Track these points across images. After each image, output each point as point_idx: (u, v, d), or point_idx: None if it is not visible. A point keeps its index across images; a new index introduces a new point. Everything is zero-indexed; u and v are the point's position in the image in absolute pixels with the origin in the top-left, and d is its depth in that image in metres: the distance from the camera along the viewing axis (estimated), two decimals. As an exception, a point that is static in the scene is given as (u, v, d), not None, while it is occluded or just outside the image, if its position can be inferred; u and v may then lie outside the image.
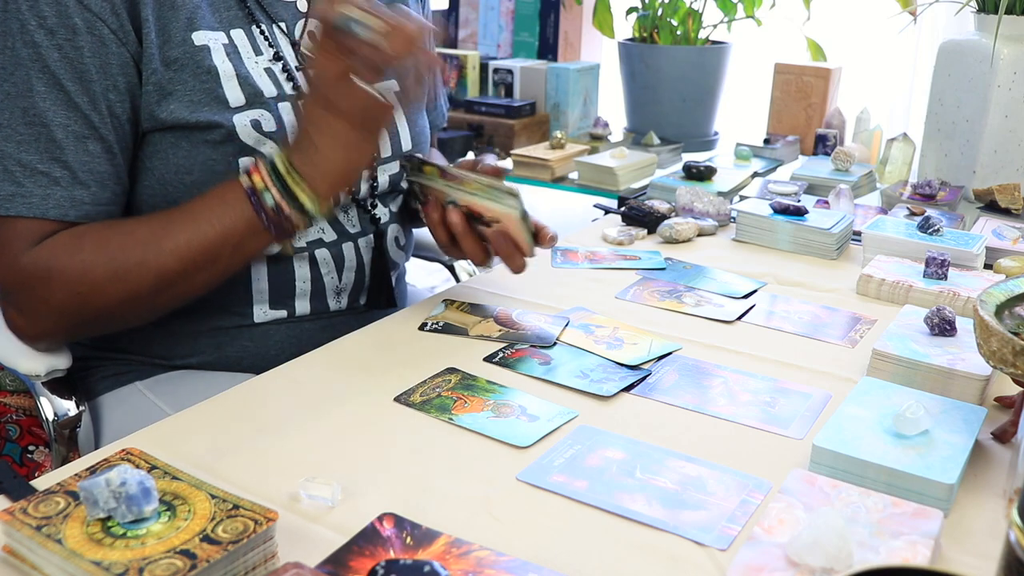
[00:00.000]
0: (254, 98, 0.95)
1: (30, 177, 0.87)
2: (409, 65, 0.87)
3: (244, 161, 0.94)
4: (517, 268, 1.00)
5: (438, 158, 1.22)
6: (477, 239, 1.00)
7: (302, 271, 1.01)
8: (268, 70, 0.97)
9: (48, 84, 0.87)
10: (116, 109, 0.90)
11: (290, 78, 0.99)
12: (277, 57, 0.98)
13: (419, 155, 1.08)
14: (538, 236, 0.99)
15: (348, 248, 1.04)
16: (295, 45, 1.02)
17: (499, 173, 0.99)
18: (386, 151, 1.08)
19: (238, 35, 0.96)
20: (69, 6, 0.86)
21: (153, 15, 0.90)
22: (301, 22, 1.03)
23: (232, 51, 0.95)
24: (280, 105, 0.97)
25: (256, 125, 0.94)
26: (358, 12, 0.84)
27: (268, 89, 0.96)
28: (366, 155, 0.92)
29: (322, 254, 1.02)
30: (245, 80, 0.95)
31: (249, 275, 0.99)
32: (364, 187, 1.06)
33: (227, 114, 0.93)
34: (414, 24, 0.85)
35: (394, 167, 1.09)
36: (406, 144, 1.09)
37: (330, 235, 1.02)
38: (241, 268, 0.95)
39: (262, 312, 1.01)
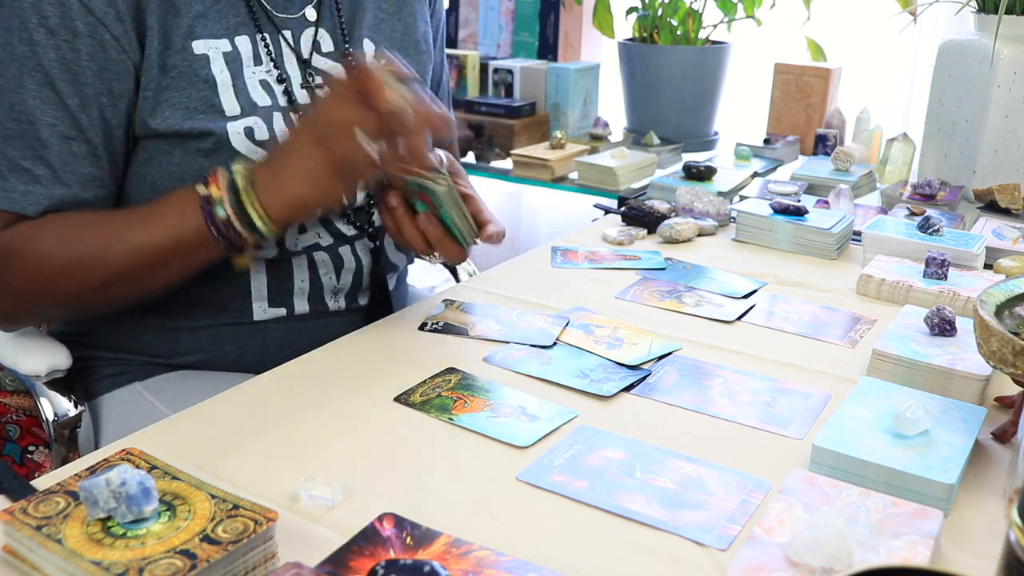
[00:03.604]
0: (250, 109, 0.95)
1: (13, 172, 0.88)
2: (416, 140, 0.87)
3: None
4: (451, 256, 0.96)
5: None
6: (415, 223, 0.94)
7: (300, 271, 1.01)
8: (264, 82, 0.97)
9: (40, 83, 0.87)
10: (107, 113, 0.90)
11: (287, 91, 0.98)
12: (275, 67, 0.98)
13: None
14: (480, 228, 0.96)
15: (345, 251, 1.04)
16: (304, 61, 1.01)
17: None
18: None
19: (242, 42, 0.96)
20: (72, 8, 0.86)
21: (157, 22, 0.90)
22: (310, 30, 1.02)
23: (233, 59, 0.95)
24: (275, 115, 0.96)
25: (249, 133, 0.94)
26: (398, 80, 0.85)
27: (262, 100, 0.96)
28: (332, 199, 0.90)
29: (320, 256, 1.02)
30: (241, 91, 0.95)
31: (248, 273, 0.99)
32: (360, 196, 1.05)
33: (221, 122, 0.93)
34: (440, 111, 0.87)
35: None
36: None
37: (326, 239, 1.02)
38: (194, 273, 0.93)
39: (261, 310, 1.01)
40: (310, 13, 1.03)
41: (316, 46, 1.03)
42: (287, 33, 1.01)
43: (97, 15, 0.87)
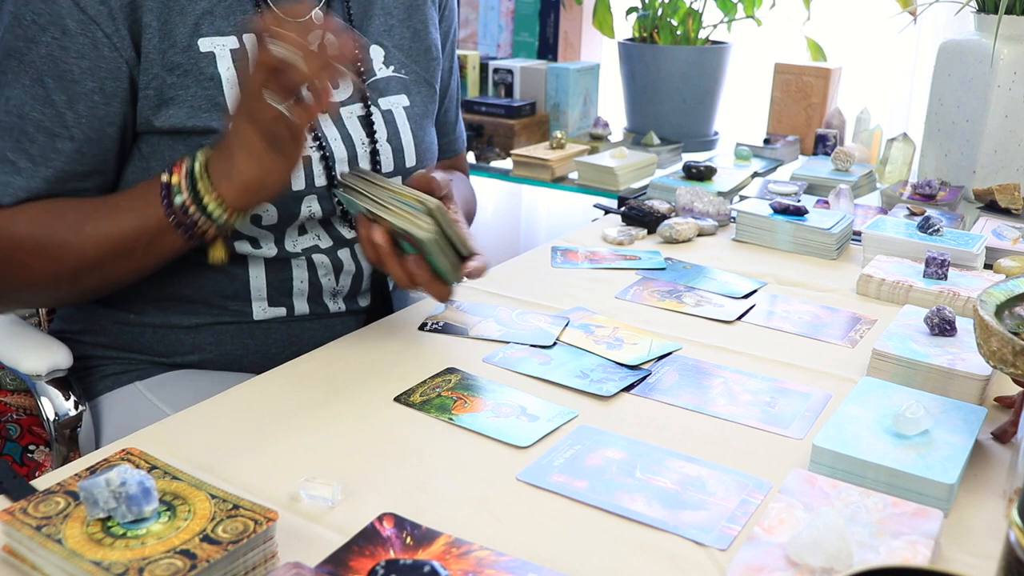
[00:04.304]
0: None
1: (0, 162, 0.89)
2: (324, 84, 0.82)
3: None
4: (438, 296, 0.91)
5: (457, 181, 1.20)
6: (400, 262, 0.90)
7: (299, 272, 1.01)
8: None
9: (32, 78, 0.88)
10: (98, 111, 0.90)
11: None
12: None
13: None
14: (464, 262, 0.90)
15: (344, 254, 1.04)
16: None
17: (432, 187, 0.91)
18: (388, 166, 1.05)
19: (250, 40, 0.96)
20: (63, 7, 0.86)
21: (157, 20, 0.90)
22: (316, 34, 1.02)
23: (241, 57, 0.95)
24: None
25: None
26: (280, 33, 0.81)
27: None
28: (278, 174, 0.87)
29: (319, 258, 1.02)
30: None
31: (247, 273, 0.99)
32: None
33: (225, 120, 0.93)
34: (332, 48, 0.82)
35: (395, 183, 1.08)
36: (410, 160, 1.07)
37: (326, 241, 1.02)
38: (161, 265, 0.93)
39: (261, 310, 1.01)
40: (317, 16, 1.03)
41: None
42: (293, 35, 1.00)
43: (89, 13, 0.87)
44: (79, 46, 0.88)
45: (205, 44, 0.93)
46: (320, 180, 0.99)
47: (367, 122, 1.04)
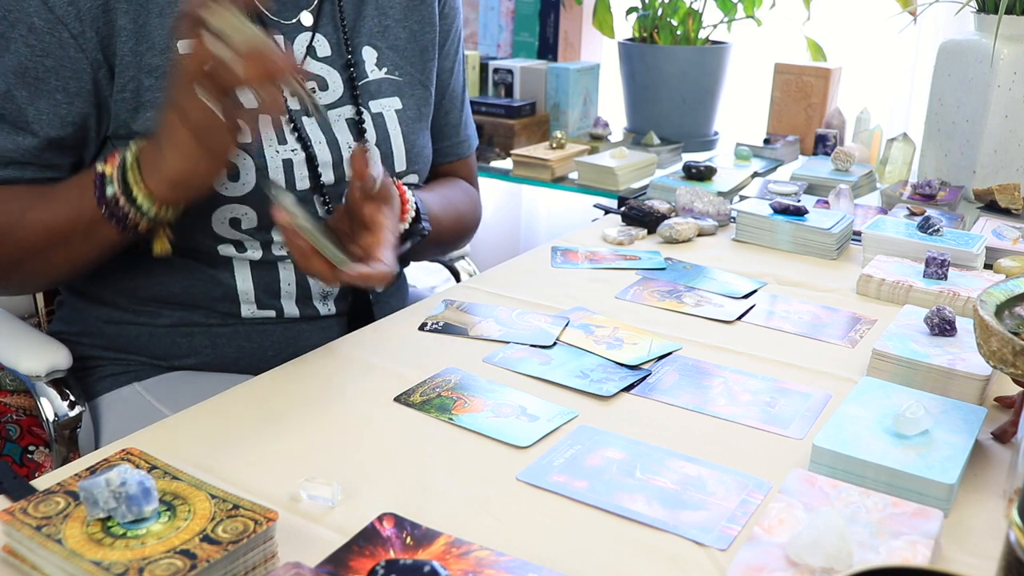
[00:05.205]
0: None
1: None
2: (261, 95, 0.78)
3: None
4: (324, 279, 0.84)
5: (453, 189, 1.20)
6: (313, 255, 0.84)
7: (287, 274, 1.01)
8: None
9: (2, 71, 0.88)
10: (61, 110, 0.90)
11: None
12: None
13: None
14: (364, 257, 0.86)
15: None
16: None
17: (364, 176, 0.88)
18: (377, 170, 1.04)
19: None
20: (31, 5, 0.87)
21: (133, 23, 0.90)
22: (306, 35, 1.02)
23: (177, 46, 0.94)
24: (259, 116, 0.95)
25: None
26: (227, 23, 0.76)
27: (247, 101, 0.95)
28: (205, 172, 0.84)
29: None
30: None
31: (233, 277, 0.99)
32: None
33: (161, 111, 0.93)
34: (277, 58, 0.77)
35: None
36: (400, 164, 1.07)
37: None
38: (104, 256, 0.91)
39: (249, 311, 1.01)
40: (305, 18, 1.02)
41: (311, 51, 1.02)
42: (279, 37, 1.00)
43: (56, 13, 0.88)
44: (45, 44, 0.88)
45: (184, 46, 0.93)
46: (303, 183, 0.98)
47: (356, 125, 1.03)
